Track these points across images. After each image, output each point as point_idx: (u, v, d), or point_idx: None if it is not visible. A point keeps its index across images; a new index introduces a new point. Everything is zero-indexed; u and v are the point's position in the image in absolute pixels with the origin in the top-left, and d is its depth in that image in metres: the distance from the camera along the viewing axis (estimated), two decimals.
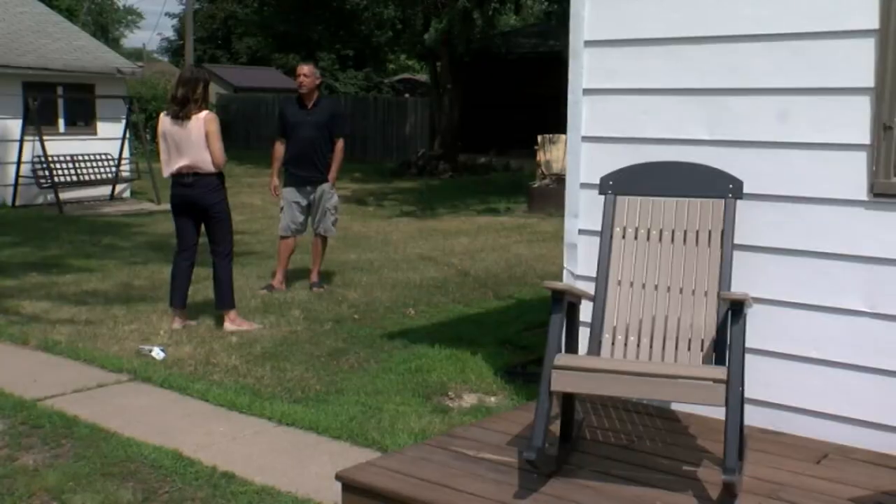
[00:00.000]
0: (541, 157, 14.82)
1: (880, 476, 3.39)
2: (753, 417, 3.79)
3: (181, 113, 6.31)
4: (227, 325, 6.54)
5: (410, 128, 25.61)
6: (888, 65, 3.52)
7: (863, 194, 3.64)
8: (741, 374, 3.20)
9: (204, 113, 6.36)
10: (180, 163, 6.36)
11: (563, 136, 4.11)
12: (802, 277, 3.80)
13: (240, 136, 27.29)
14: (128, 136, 16.19)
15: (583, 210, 4.34)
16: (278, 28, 32.39)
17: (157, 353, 5.86)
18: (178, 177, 6.43)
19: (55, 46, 16.08)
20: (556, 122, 4.35)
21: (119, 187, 16.20)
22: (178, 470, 4.02)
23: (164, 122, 6.41)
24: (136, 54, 42.15)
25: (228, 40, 39.62)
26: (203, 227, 6.58)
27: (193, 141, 6.30)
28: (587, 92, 4.32)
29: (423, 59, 27.99)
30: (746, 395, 3.51)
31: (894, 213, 3.58)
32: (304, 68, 7.91)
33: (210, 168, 6.37)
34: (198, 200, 6.42)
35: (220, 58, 38.69)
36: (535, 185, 14.72)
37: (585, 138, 4.34)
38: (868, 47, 3.57)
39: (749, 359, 3.57)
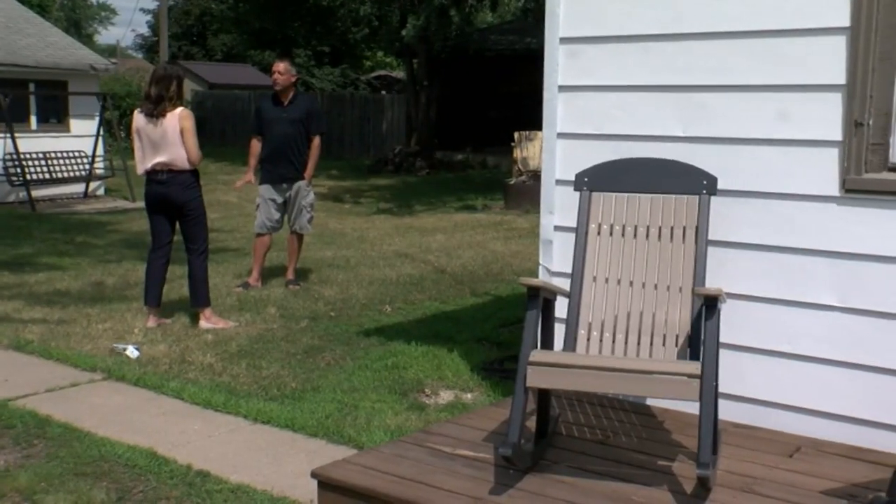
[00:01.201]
0: (517, 153, 14.84)
1: (852, 469, 3.43)
2: (727, 412, 3.82)
3: (155, 111, 6.26)
4: (203, 323, 6.50)
5: (387, 125, 25.57)
6: (859, 62, 3.55)
7: (835, 190, 3.68)
8: (715, 368, 3.22)
9: (179, 110, 6.32)
10: (155, 160, 6.31)
11: (539, 133, 4.12)
12: (775, 273, 3.83)
13: (215, 134, 27.14)
14: (102, 133, 16.06)
15: (558, 206, 4.35)
16: (254, 24, 32.19)
17: (132, 352, 5.81)
18: (152, 174, 6.38)
19: (27, 42, 15.91)
20: (533, 119, 4.36)
21: (93, 185, 16.07)
22: (153, 469, 3.99)
23: (139, 119, 6.36)
24: (110, 51, 41.82)
25: (204, 37, 39.38)
26: (178, 225, 6.54)
27: (168, 138, 6.26)
28: (562, 89, 4.33)
29: (399, 56, 27.93)
30: (721, 389, 3.54)
31: (865, 208, 3.62)
32: (280, 65, 7.88)
33: (185, 165, 6.33)
34: (172, 198, 6.38)
35: (195, 54, 38.44)
36: (512, 182, 14.74)
37: (561, 135, 4.36)
38: (840, 45, 3.61)
39: (723, 354, 3.60)
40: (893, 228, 3.56)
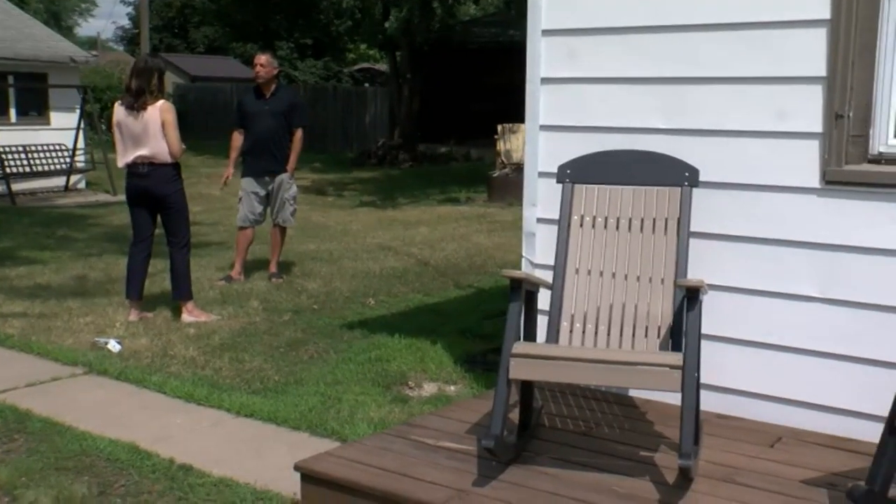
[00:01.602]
0: (500, 146, 14.85)
1: (832, 458, 3.46)
2: (709, 403, 3.84)
3: (136, 104, 6.22)
4: (185, 317, 6.48)
5: (370, 117, 25.51)
6: (839, 54, 3.57)
7: (815, 182, 3.70)
8: (697, 359, 3.23)
9: (160, 103, 6.27)
10: (136, 153, 6.27)
11: (522, 126, 4.13)
12: (757, 264, 3.85)
13: (197, 127, 26.98)
14: (82, 126, 15.93)
15: (541, 199, 4.35)
16: (236, 17, 32.04)
17: (113, 346, 5.78)
18: (133, 167, 6.34)
19: (5, 35, 15.76)
20: (516, 111, 4.35)
21: (74, 178, 15.96)
22: (135, 463, 3.97)
23: (119, 112, 6.32)
24: (91, 43, 41.46)
25: (185, 29, 39.15)
26: (159, 218, 6.50)
27: (149, 131, 6.22)
28: (545, 81, 4.33)
29: (382, 49, 27.84)
30: (702, 380, 3.56)
31: (846, 200, 3.64)
32: (262, 58, 7.85)
33: (166, 158, 6.29)
34: (153, 191, 6.34)
35: (176, 47, 38.22)
36: (495, 175, 14.75)
37: (543, 127, 4.36)
38: (820, 37, 3.62)
39: (705, 345, 3.61)
40: (873, 220, 3.58)
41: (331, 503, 3.32)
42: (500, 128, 14.89)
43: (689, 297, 3.26)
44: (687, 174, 3.78)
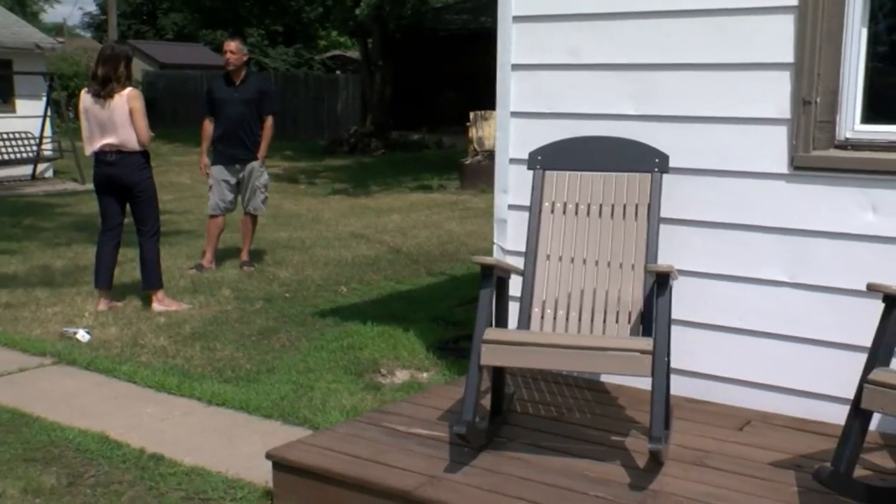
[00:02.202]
0: (472, 133, 14.84)
1: (799, 440, 3.50)
2: (680, 387, 3.87)
3: (103, 91, 6.14)
4: (155, 306, 6.42)
5: (342, 105, 25.38)
6: (806, 41, 3.59)
7: (783, 167, 3.73)
8: (667, 344, 3.26)
9: (127, 90, 6.20)
10: (103, 141, 6.20)
11: (494, 113, 4.12)
12: (726, 249, 3.88)
13: (167, 114, 26.72)
14: (49, 113, 15.72)
15: (512, 185, 4.35)
16: (205, 3, 31.64)
17: (82, 336, 5.72)
18: (101, 155, 6.27)
19: None
20: (489, 98, 4.35)
21: (41, 167, 15.75)
22: (105, 453, 3.94)
23: (86, 99, 6.24)
24: (57, 29, 40.85)
25: (154, 15, 38.69)
26: (129, 207, 6.44)
27: (117, 119, 6.15)
28: (516, 67, 4.33)
29: (354, 36, 27.69)
30: (673, 365, 3.59)
31: (813, 185, 3.67)
32: (231, 44, 7.78)
33: (135, 146, 6.22)
34: (122, 179, 6.28)
35: (145, 33, 37.78)
36: (467, 162, 14.74)
37: (514, 114, 4.36)
38: (787, 24, 3.65)
39: (675, 330, 3.65)
40: (840, 205, 3.62)
41: (303, 491, 3.32)
42: (472, 115, 14.87)
43: (659, 283, 3.28)
44: (657, 160, 3.80)
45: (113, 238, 6.47)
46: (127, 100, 6.15)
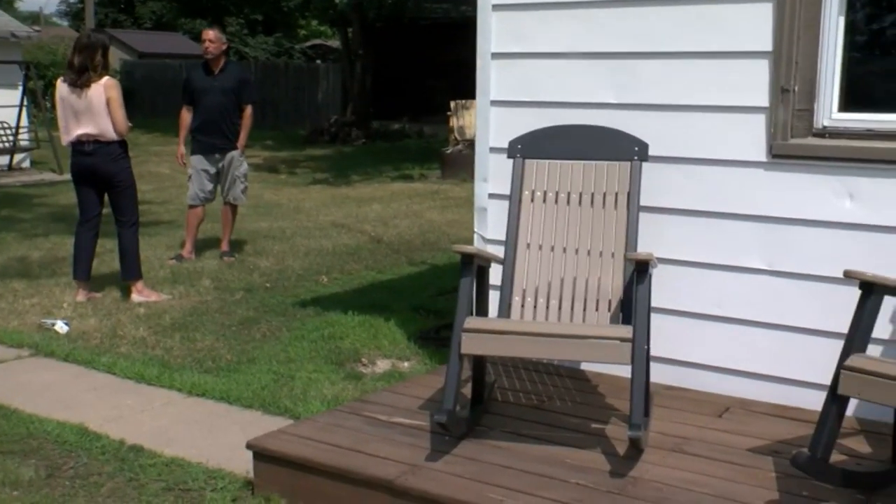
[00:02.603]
0: (453, 122, 14.82)
1: (777, 426, 3.53)
2: (659, 375, 3.89)
3: (79, 81, 6.08)
4: (134, 297, 6.38)
5: (322, 94, 25.27)
6: (785, 29, 3.61)
7: (762, 156, 3.75)
8: (646, 332, 3.28)
9: (104, 79, 6.14)
10: (80, 131, 6.14)
11: (475, 102, 4.12)
12: (705, 237, 3.90)
13: (146, 104, 26.52)
14: (25, 103, 15.55)
15: (492, 174, 4.35)
16: None
17: (61, 327, 5.68)
18: (78, 145, 6.21)
19: None
20: (470, 87, 4.34)
21: (17, 157, 15.58)
22: (84, 445, 3.92)
23: (62, 88, 6.18)
24: (33, 18, 40.45)
25: (132, 4, 38.29)
26: (107, 197, 6.39)
27: (94, 109, 6.09)
28: (496, 56, 4.32)
29: (334, 25, 27.55)
30: (652, 353, 3.61)
31: (791, 173, 3.70)
32: (210, 33, 7.72)
33: (112, 136, 6.17)
34: (100, 169, 6.22)
35: (123, 22, 37.39)
36: (448, 151, 14.72)
37: (494, 102, 4.35)
38: (766, 12, 3.66)
39: (655, 318, 3.66)
40: (818, 193, 3.64)
41: (284, 480, 3.31)
42: (452, 104, 14.85)
43: (639, 271, 3.29)
44: (636, 149, 3.80)
45: (91, 229, 6.42)
46: (104, 89, 6.10)
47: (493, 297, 3.75)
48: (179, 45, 33.21)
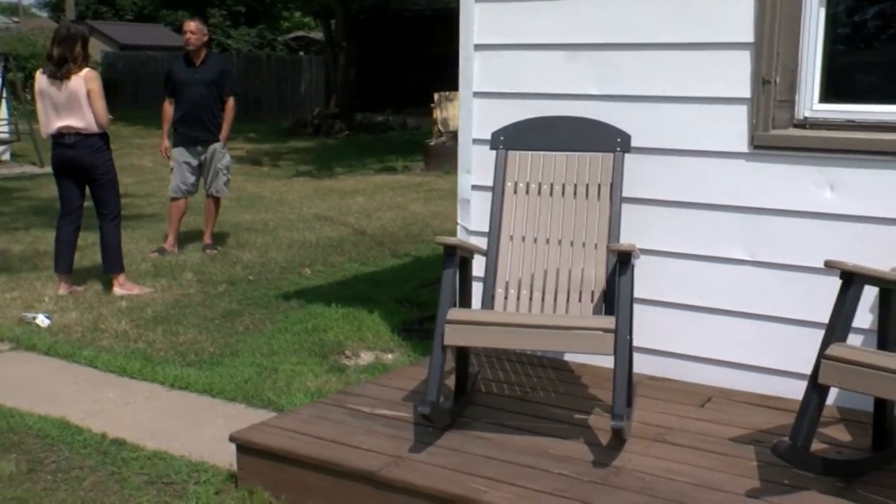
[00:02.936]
0: (437, 114, 14.80)
1: (759, 416, 3.55)
2: (642, 365, 3.91)
3: (59, 73, 6.03)
4: (116, 290, 6.35)
5: (306, 86, 25.18)
6: (766, 20, 3.62)
7: (744, 146, 3.76)
8: (629, 323, 3.28)
9: (84, 71, 6.09)
10: (60, 123, 6.09)
11: (459, 94, 4.14)
12: (687, 228, 3.91)
13: (128, 96, 26.34)
14: (5, 95, 15.40)
15: (475, 166, 4.35)
16: None
17: (42, 321, 5.64)
18: (59, 137, 6.17)
19: None
20: (453, 79, 4.33)
21: None
22: (66, 439, 3.90)
23: (41, 80, 6.12)
24: (12, 9, 40.02)
25: None
26: (88, 190, 6.34)
27: (74, 101, 6.04)
28: (478, 48, 4.31)
29: (317, 17, 27.43)
30: (635, 343, 3.61)
31: (773, 164, 3.71)
32: (191, 25, 7.67)
33: (93, 128, 6.13)
34: (81, 162, 6.18)
35: (104, 13, 37.11)
36: (432, 143, 14.70)
37: (477, 94, 4.35)
38: (747, 3, 3.66)
39: (638, 308, 3.67)
40: (799, 183, 3.66)
41: (267, 473, 3.31)
42: (436, 96, 14.83)
43: (621, 262, 3.30)
44: (619, 140, 3.81)
45: (73, 222, 6.38)
46: (84, 81, 6.05)
47: (477, 289, 3.76)
48: (161, 36, 33.00)
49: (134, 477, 3.55)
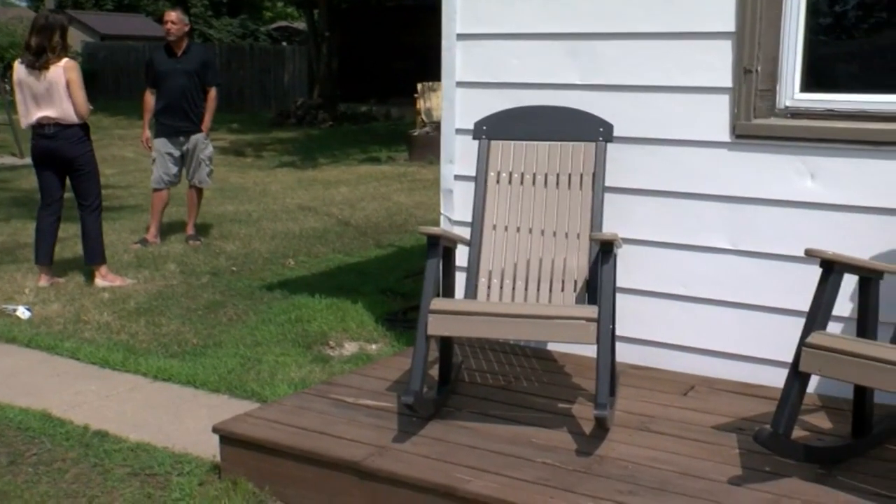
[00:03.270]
0: (420, 104, 14.77)
1: (741, 404, 3.57)
2: (626, 354, 3.92)
3: (37, 63, 5.98)
4: (98, 281, 6.31)
5: (289, 77, 25.07)
6: (747, 10, 3.63)
7: (725, 136, 3.77)
8: (611, 312, 3.29)
9: (63, 61, 6.04)
10: (40, 114, 6.04)
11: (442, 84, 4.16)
12: (670, 217, 3.92)
13: (109, 87, 26.16)
14: None
15: (458, 155, 4.35)
16: None
17: (23, 313, 5.60)
18: (38, 128, 6.11)
19: None
20: (437, 69, 4.33)
21: None
22: (47, 431, 3.87)
23: (20, 70, 6.07)
24: None
25: None
26: (69, 181, 6.30)
27: (54, 92, 5.99)
28: (461, 37, 4.30)
29: (300, 7, 27.31)
30: (619, 332, 3.64)
31: (754, 153, 3.73)
32: (172, 14, 7.63)
33: (73, 119, 6.08)
34: (61, 153, 6.13)
35: (83, 3, 36.79)
36: (416, 134, 14.68)
37: (460, 84, 4.34)
38: None
39: (621, 298, 3.69)
40: (780, 173, 3.68)
41: (251, 464, 3.30)
42: (420, 86, 14.80)
43: (604, 251, 3.31)
44: (601, 129, 3.81)
45: (53, 213, 6.34)
46: (63, 71, 6.00)
47: (460, 279, 3.76)
48: (142, 26, 32.78)
49: (116, 469, 3.54)
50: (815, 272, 3.02)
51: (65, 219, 6.48)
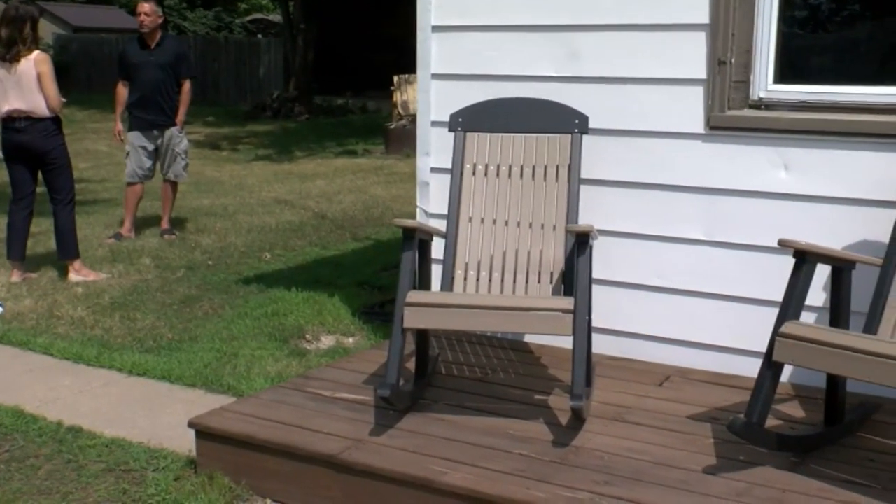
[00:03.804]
0: (397, 97, 14.72)
1: (715, 394, 3.60)
2: (602, 345, 3.94)
3: (8, 55, 5.91)
4: (72, 276, 6.25)
5: (264, 69, 24.90)
6: (721, 2, 3.64)
7: (700, 127, 3.79)
8: (587, 303, 3.30)
9: (34, 54, 5.97)
10: (10, 107, 5.98)
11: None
12: (645, 209, 3.94)
13: (82, 80, 25.86)
14: None
15: (434, 148, 4.34)
16: None
17: None
18: (9, 121, 6.05)
19: None
20: (413, 62, 4.32)
21: None
22: (20, 427, 3.84)
23: None
24: None
25: None
26: (41, 175, 6.23)
27: (24, 84, 5.93)
28: (436, 29, 4.29)
29: None
30: (595, 324, 3.64)
31: (728, 144, 3.74)
32: (145, 6, 7.54)
33: (45, 112, 6.01)
34: (32, 146, 6.06)
35: None
36: (392, 126, 14.64)
37: (435, 76, 4.33)
38: None
39: (597, 289, 3.70)
40: (754, 164, 3.70)
41: (227, 458, 3.29)
42: (396, 79, 14.74)
43: (579, 243, 3.31)
44: (577, 121, 3.82)
45: (25, 207, 6.27)
46: (34, 63, 5.93)
47: (436, 271, 3.75)
48: (116, 19, 32.44)
49: (91, 465, 3.51)
50: (789, 262, 3.04)
51: (37, 213, 6.42)
